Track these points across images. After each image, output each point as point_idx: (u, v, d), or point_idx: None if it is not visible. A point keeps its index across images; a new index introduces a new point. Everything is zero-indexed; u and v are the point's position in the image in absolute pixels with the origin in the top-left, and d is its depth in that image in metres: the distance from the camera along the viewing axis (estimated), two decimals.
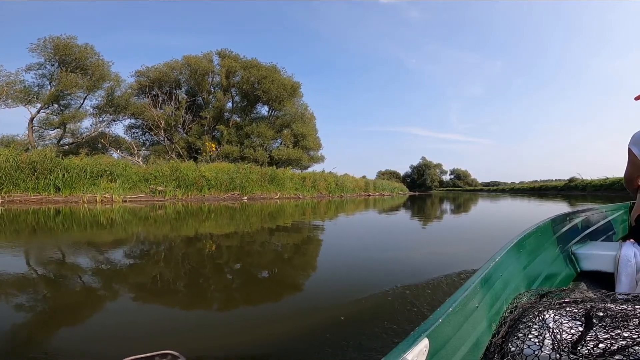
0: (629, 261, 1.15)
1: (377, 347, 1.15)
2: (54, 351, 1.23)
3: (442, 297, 1.61)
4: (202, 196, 12.70)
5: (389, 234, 4.65)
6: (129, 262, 2.68)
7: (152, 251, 3.19)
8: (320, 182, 18.73)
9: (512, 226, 5.10)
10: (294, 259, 2.90)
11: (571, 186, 30.07)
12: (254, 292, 1.97)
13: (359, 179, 24.64)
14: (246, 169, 14.86)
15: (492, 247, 1.17)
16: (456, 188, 63.27)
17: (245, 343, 1.29)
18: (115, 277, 2.19)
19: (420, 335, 0.52)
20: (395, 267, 2.48)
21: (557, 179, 42.80)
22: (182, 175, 12.45)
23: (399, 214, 8.36)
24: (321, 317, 1.48)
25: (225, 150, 20.05)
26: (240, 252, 3.17)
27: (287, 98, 22.58)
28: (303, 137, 23.76)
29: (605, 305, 0.67)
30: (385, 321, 1.34)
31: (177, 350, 0.64)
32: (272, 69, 22.34)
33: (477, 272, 0.77)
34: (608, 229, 1.90)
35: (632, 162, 1.45)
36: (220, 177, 13.45)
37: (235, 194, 13.65)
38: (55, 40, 15.80)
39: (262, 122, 22.74)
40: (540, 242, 1.22)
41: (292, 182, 17.07)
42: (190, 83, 21.75)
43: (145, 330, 1.41)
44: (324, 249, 3.28)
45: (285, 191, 15.88)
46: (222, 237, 4.09)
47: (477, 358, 0.65)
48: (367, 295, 1.70)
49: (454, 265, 2.25)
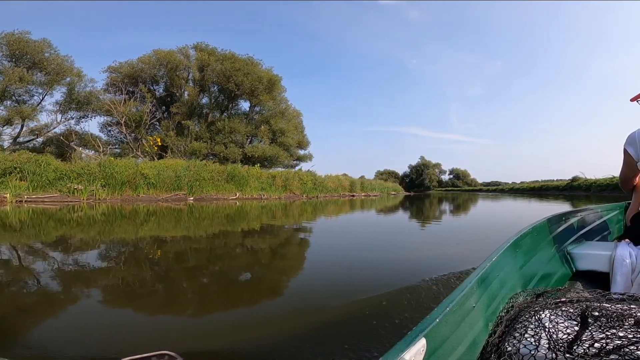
0: (624, 261, 1.15)
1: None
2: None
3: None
4: (137, 196, 11.28)
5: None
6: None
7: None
8: (294, 182, 17.11)
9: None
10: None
11: (574, 186, 27.99)
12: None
13: (344, 178, 22.91)
14: (198, 166, 13.46)
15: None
16: (455, 188, 62.80)
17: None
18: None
19: (418, 335, 0.52)
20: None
21: (558, 179, 40.33)
22: (112, 173, 11.09)
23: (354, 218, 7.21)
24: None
25: (194, 147, 18.81)
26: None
27: (263, 92, 21.17)
28: (282, 133, 22.34)
29: (600, 305, 0.68)
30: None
31: (173, 351, 0.64)
32: (247, 61, 21.09)
33: (474, 272, 0.78)
34: (603, 228, 1.91)
35: (627, 163, 1.46)
36: (163, 176, 12.10)
37: (180, 194, 12.24)
38: (8, 36, 15.38)
39: (237, 118, 21.60)
40: (536, 242, 1.23)
41: (259, 181, 15.55)
42: (164, 78, 20.77)
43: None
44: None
45: (247, 191, 14.44)
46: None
47: (474, 358, 0.65)
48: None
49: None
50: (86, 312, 1.60)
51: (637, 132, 1.36)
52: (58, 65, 16.78)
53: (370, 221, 6.63)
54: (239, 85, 20.18)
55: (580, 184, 27.05)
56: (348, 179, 23.26)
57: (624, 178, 1.59)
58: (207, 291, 2.01)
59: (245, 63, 20.79)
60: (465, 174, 69.21)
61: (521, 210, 9.00)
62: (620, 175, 1.60)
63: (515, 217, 7.09)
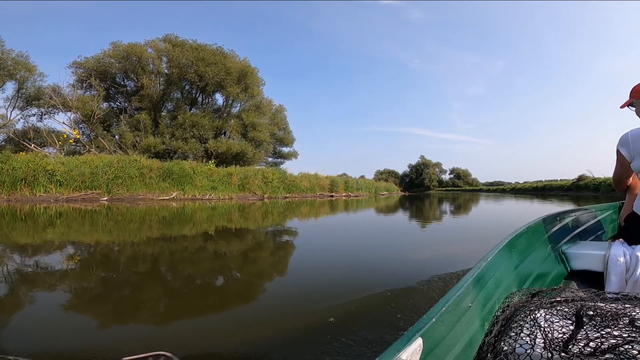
0: (618, 260, 1.16)
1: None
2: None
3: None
4: (34, 196, 9.79)
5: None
6: None
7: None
8: (255, 180, 15.09)
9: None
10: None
11: (580, 185, 25.22)
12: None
13: (323, 177, 20.50)
14: (124, 161, 11.92)
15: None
16: (455, 188, 61.56)
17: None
18: None
19: (414, 334, 0.52)
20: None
21: (562, 179, 36.64)
22: (7, 169, 9.74)
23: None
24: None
25: (148, 142, 17.31)
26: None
27: (231, 83, 19.53)
28: (253, 128, 20.71)
29: (595, 305, 0.68)
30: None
31: (170, 351, 0.63)
32: (215, 51, 19.57)
33: (469, 272, 0.78)
34: (598, 228, 1.93)
35: (620, 163, 1.49)
36: (74, 173, 10.65)
37: (92, 193, 10.69)
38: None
39: (205, 112, 20.09)
40: (531, 242, 1.23)
41: (210, 179, 13.81)
42: (129, 72, 19.44)
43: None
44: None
45: (189, 190, 12.77)
46: None
47: (470, 357, 0.65)
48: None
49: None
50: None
51: (629, 134, 1.39)
52: (3, 60, 16.12)
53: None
54: (202, 76, 18.84)
55: (588, 184, 24.42)
56: (329, 178, 21.13)
57: (618, 179, 1.62)
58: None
59: (212, 53, 19.33)
60: (466, 174, 67.85)
61: (512, 216, 7.11)
62: (613, 176, 1.64)
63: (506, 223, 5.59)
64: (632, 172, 1.50)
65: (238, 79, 20.09)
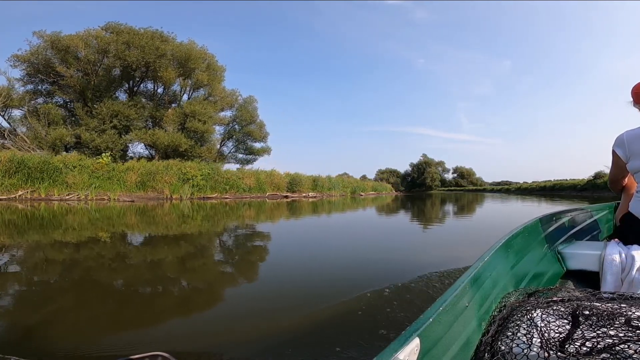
0: (614, 260, 1.17)
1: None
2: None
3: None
4: None
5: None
6: None
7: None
8: (163, 176, 12.65)
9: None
10: None
11: (597, 184, 22.59)
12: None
13: (279, 174, 18.06)
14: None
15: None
16: (459, 188, 59.66)
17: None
18: None
19: (412, 334, 0.52)
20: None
21: (572, 179, 32.71)
22: None
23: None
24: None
25: (55, 135, 15.27)
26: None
27: (164, 67, 17.42)
28: (193, 116, 18.06)
29: (591, 304, 0.68)
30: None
31: (167, 352, 0.63)
32: (145, 34, 17.32)
33: (466, 272, 0.78)
34: (594, 228, 1.94)
35: (615, 164, 1.50)
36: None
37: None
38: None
39: (130, 101, 17.81)
40: (528, 242, 1.24)
41: (94, 175, 11.65)
42: (56, 63, 17.39)
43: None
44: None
45: (65, 189, 10.89)
46: None
47: (467, 357, 0.65)
48: None
49: None
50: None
51: (625, 134, 1.40)
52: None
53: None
54: (122, 60, 16.76)
55: (606, 182, 23.14)
56: (288, 176, 18.38)
57: (613, 179, 1.64)
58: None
59: (142, 37, 17.09)
60: (470, 173, 65.30)
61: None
62: (609, 176, 1.65)
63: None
64: (628, 173, 1.51)
65: (180, 63, 18.23)
